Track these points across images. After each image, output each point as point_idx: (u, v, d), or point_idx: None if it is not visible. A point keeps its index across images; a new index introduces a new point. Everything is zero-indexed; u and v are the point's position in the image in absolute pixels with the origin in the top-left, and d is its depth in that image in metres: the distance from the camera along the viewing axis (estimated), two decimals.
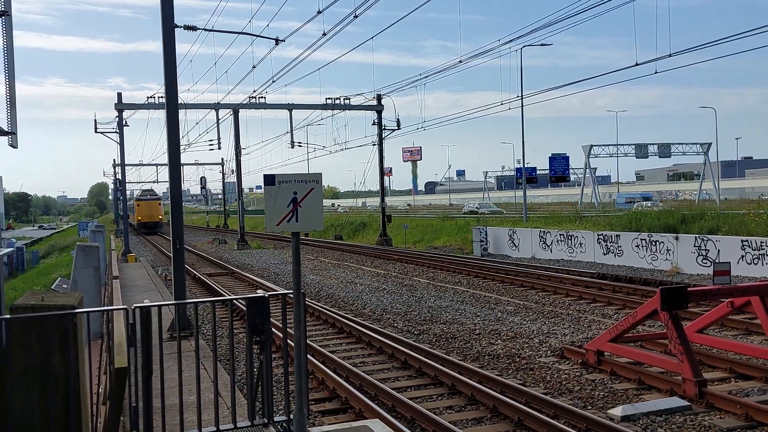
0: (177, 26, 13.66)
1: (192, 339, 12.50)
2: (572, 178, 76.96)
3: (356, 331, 13.97)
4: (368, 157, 41.23)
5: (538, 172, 50.34)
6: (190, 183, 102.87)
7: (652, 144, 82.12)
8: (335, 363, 11.31)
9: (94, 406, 6.15)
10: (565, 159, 45.46)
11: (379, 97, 40.39)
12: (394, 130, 40.82)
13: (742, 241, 21.38)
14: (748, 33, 18.98)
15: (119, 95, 36.71)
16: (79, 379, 4.89)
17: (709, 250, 22.24)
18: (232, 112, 41.68)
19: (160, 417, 5.94)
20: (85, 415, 5.16)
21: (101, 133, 39.17)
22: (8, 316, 4.81)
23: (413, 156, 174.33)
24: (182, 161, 22.66)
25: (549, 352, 12.09)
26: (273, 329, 7.25)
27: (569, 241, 28.68)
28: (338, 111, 40.29)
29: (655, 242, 24.36)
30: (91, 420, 5.63)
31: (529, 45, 35.78)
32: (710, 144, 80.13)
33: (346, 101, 40.08)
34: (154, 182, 77.05)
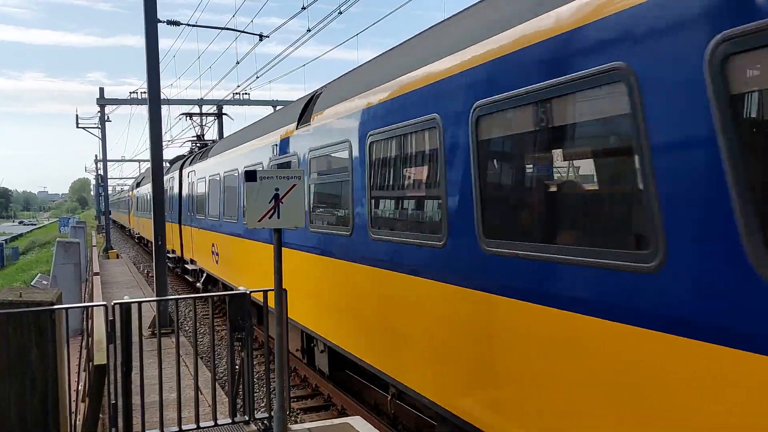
0: (160, 21, 13.55)
1: (173, 336, 12.44)
2: None
3: None
4: None
5: None
6: None
7: None
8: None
9: (73, 403, 6.11)
10: None
11: None
12: None
13: None
14: None
15: (101, 90, 36.28)
16: (57, 376, 4.85)
17: None
18: (215, 108, 41.39)
19: (139, 414, 5.90)
20: (64, 412, 5.12)
21: (83, 128, 38.81)
22: None
23: None
24: (165, 157, 22.50)
25: None
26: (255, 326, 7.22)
27: None
28: None
29: None
30: (69, 417, 5.58)
31: None
32: None
33: None
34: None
